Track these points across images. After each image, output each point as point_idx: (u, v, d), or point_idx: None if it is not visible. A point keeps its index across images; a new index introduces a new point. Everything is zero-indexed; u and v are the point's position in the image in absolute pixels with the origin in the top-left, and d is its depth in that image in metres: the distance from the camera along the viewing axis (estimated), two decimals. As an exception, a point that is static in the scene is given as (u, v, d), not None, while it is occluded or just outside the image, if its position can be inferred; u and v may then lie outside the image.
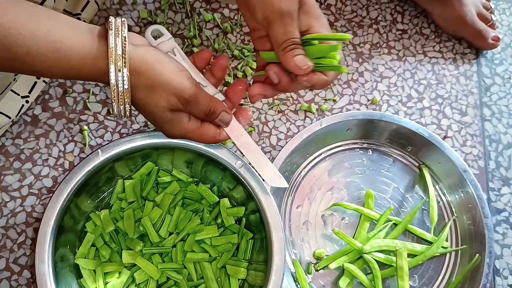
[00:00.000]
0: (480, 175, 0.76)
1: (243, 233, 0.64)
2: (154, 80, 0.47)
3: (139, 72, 0.46)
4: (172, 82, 0.47)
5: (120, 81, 0.45)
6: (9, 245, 0.66)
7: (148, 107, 0.48)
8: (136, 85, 0.46)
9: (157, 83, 0.47)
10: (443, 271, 0.70)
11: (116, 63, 0.44)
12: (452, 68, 0.84)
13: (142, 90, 0.47)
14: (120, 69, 0.44)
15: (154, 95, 0.47)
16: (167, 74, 0.47)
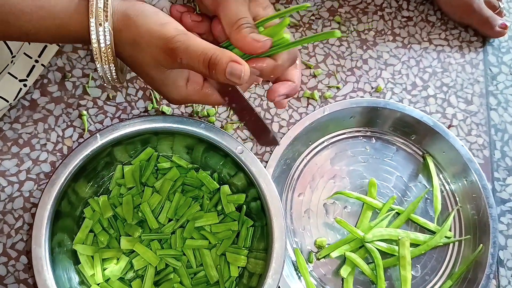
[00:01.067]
0: (485, 165, 0.75)
1: (243, 220, 0.63)
2: (136, 34, 0.43)
3: (122, 26, 0.43)
4: (154, 33, 0.42)
5: (102, 37, 0.42)
6: (6, 230, 0.65)
7: (138, 67, 0.45)
8: (120, 42, 0.43)
9: (138, 37, 0.43)
10: (446, 261, 0.69)
11: (97, 17, 0.41)
12: (458, 56, 0.82)
13: (126, 47, 0.43)
14: (101, 23, 0.41)
15: (139, 51, 0.43)
16: (149, 25, 0.43)
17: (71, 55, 0.74)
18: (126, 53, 0.44)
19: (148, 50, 0.43)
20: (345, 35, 0.81)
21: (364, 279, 0.67)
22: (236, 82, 0.41)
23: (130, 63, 0.45)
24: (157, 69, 0.44)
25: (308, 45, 0.80)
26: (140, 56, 0.43)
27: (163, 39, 0.42)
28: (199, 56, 0.41)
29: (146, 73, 0.45)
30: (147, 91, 0.74)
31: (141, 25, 0.43)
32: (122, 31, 0.43)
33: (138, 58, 0.44)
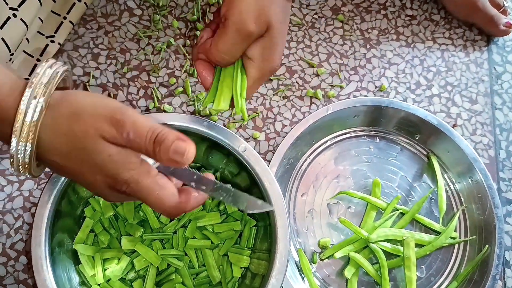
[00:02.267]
0: (490, 165, 0.74)
1: (246, 220, 0.62)
2: (77, 106, 0.39)
3: (60, 101, 0.39)
4: (99, 104, 0.39)
5: (31, 110, 0.37)
6: (6, 230, 0.64)
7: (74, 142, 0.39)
8: (54, 118, 0.38)
9: (80, 109, 0.38)
10: (451, 262, 0.68)
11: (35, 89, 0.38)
12: (462, 55, 0.82)
13: (63, 122, 0.38)
14: (36, 96, 0.37)
15: (79, 124, 0.38)
16: (93, 98, 0.40)
17: (72, 53, 0.74)
18: (61, 130, 0.39)
19: (92, 122, 0.38)
20: (349, 34, 0.80)
21: (368, 280, 0.66)
22: (179, 160, 0.38)
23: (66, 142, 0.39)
24: (103, 142, 0.39)
25: (311, 44, 0.79)
26: (82, 130, 0.38)
27: (110, 109, 0.39)
28: (148, 132, 0.38)
29: (91, 147, 0.39)
30: (149, 89, 0.73)
31: (84, 98, 0.39)
32: (60, 105, 0.39)
33: (78, 131, 0.38)
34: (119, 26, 0.76)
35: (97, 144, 0.38)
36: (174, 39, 0.76)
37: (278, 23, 0.43)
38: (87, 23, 0.76)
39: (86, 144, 0.38)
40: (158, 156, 0.38)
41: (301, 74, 0.77)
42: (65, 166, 0.40)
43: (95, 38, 0.75)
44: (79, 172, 0.41)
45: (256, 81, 0.46)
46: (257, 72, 0.45)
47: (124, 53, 0.75)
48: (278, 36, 0.44)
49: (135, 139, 0.38)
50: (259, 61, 0.44)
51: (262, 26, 0.42)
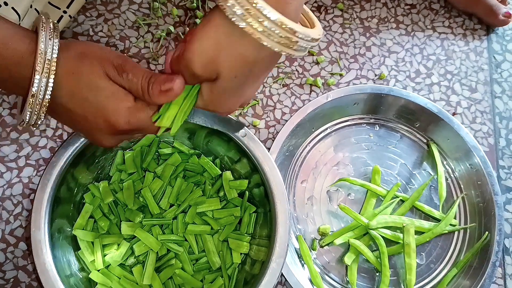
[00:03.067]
0: (490, 153, 0.74)
1: (246, 206, 0.62)
2: (85, 48, 0.43)
3: (70, 44, 0.43)
4: (105, 50, 0.44)
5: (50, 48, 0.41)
6: (5, 216, 0.64)
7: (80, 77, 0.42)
8: (65, 57, 0.42)
9: (88, 50, 0.43)
10: (451, 249, 0.68)
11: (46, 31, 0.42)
12: (462, 44, 0.82)
13: (71, 60, 0.42)
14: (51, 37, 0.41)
15: (85, 63, 0.42)
16: (99, 46, 0.45)
17: (71, 41, 0.73)
18: (69, 68, 0.42)
19: (98, 60, 0.43)
20: (348, 22, 0.80)
21: (368, 267, 0.66)
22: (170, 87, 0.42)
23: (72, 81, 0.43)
24: (106, 79, 0.43)
25: (310, 32, 0.79)
26: (88, 67, 0.42)
27: (114, 54, 0.44)
28: (144, 73, 0.43)
29: (94, 83, 0.43)
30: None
31: (92, 44, 0.44)
32: (69, 48, 0.43)
33: (85, 68, 0.42)
34: (118, 13, 0.76)
35: (101, 81, 0.43)
36: (173, 26, 0.76)
37: (229, 76, 0.41)
38: (87, 10, 0.75)
39: (90, 81, 0.42)
40: (150, 92, 0.43)
41: (300, 62, 0.77)
42: (69, 109, 0.44)
43: (94, 26, 0.75)
44: (81, 115, 0.44)
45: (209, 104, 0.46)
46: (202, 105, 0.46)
47: (124, 40, 0.74)
48: (226, 89, 0.42)
49: (132, 79, 0.43)
50: (205, 100, 0.45)
51: (210, 73, 0.41)
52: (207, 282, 0.59)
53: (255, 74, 0.43)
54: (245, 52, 0.39)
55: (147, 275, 0.58)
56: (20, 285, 0.62)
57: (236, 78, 0.41)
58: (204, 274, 0.60)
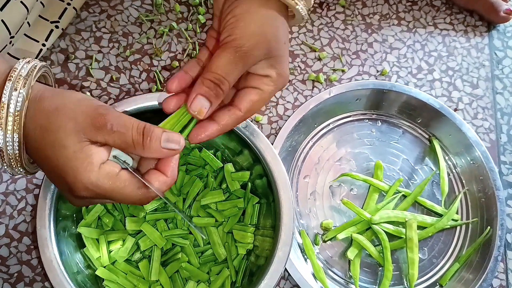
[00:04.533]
0: (492, 148, 0.75)
1: (249, 197, 0.62)
2: (60, 102, 0.39)
3: (42, 97, 0.40)
4: (83, 101, 0.40)
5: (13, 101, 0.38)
6: (9, 211, 0.64)
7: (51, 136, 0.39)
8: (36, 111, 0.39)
9: (62, 105, 0.39)
10: (453, 244, 0.69)
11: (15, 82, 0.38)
12: (463, 40, 0.82)
13: (43, 116, 0.39)
14: (16, 88, 0.38)
15: (60, 119, 0.38)
16: (78, 96, 0.40)
17: (74, 37, 0.74)
18: (39, 122, 0.39)
19: (72, 116, 0.39)
20: (350, 19, 0.81)
21: (371, 262, 0.67)
22: (174, 148, 0.40)
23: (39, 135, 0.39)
24: (75, 137, 0.38)
25: (312, 28, 0.79)
26: (58, 123, 0.39)
27: (93, 107, 0.39)
28: (134, 123, 0.39)
29: (59, 141, 0.38)
30: (151, 73, 0.73)
31: (69, 96, 0.40)
32: (42, 101, 0.40)
33: (54, 125, 0.39)
34: (121, 10, 0.76)
35: (66, 139, 0.38)
36: (176, 23, 0.76)
37: (281, 44, 0.45)
38: (90, 7, 0.76)
39: (56, 138, 0.38)
40: (147, 146, 0.39)
41: (303, 58, 0.77)
42: (39, 163, 0.41)
43: (97, 22, 0.75)
44: (46, 171, 0.41)
45: (269, 95, 0.47)
46: (273, 86, 0.46)
47: (127, 36, 0.75)
48: (284, 54, 0.46)
49: (119, 129, 0.39)
50: (275, 76, 0.45)
51: (263, 51, 0.43)
52: (214, 274, 0.59)
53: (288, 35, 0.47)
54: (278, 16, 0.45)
55: (154, 271, 0.58)
56: (24, 279, 0.62)
57: (285, 44, 0.45)
58: (210, 266, 0.60)
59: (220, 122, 0.44)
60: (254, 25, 0.43)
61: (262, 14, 0.44)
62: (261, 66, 0.45)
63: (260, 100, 0.46)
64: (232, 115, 0.44)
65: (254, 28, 0.43)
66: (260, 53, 0.43)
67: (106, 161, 0.40)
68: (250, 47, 0.42)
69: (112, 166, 0.40)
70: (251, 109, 0.45)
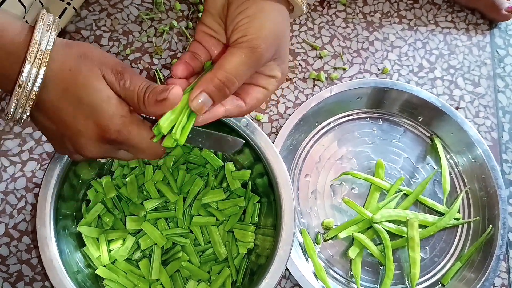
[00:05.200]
0: (493, 147, 0.74)
1: (249, 196, 0.62)
2: (88, 50, 0.41)
3: (68, 43, 0.41)
4: (107, 55, 0.42)
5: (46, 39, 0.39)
6: (9, 210, 0.64)
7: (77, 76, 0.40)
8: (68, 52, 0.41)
9: (90, 53, 0.41)
10: (455, 243, 0.68)
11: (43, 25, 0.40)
12: (464, 38, 0.82)
13: (72, 57, 0.41)
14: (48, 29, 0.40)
15: (85, 64, 0.41)
16: (100, 50, 0.43)
17: (74, 36, 0.73)
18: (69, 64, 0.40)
19: (96, 63, 0.41)
20: (351, 17, 0.80)
21: (372, 261, 0.66)
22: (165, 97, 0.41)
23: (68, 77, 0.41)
24: (99, 80, 0.41)
25: (313, 27, 0.79)
26: (88, 66, 0.41)
27: (115, 61, 0.42)
28: (142, 82, 0.42)
29: (92, 84, 0.41)
30: (151, 71, 0.73)
31: (94, 47, 0.43)
32: (71, 45, 0.41)
33: (84, 68, 0.41)
34: (121, 8, 0.76)
35: (99, 83, 0.41)
36: (176, 21, 0.76)
37: (287, 44, 0.45)
38: (90, 5, 0.75)
39: (88, 81, 0.40)
40: (146, 101, 0.41)
41: (304, 56, 0.77)
42: (58, 107, 0.41)
43: (97, 20, 0.75)
44: (71, 115, 0.41)
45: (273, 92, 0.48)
46: (277, 85, 0.47)
47: (127, 35, 0.74)
48: (287, 53, 0.46)
49: (129, 87, 0.41)
50: (280, 76, 0.46)
51: (273, 52, 0.44)
52: (214, 273, 0.59)
53: None
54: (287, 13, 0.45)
55: (155, 270, 0.57)
56: (24, 278, 0.61)
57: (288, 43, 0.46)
58: (211, 265, 0.60)
59: (226, 106, 0.45)
60: (270, 25, 0.42)
61: (275, 13, 0.43)
62: (270, 67, 0.45)
63: (265, 98, 0.47)
64: (238, 106, 0.46)
65: (270, 28, 0.42)
66: (272, 54, 0.44)
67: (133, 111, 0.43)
68: (266, 48, 0.42)
69: (138, 116, 0.44)
70: (255, 106, 0.47)
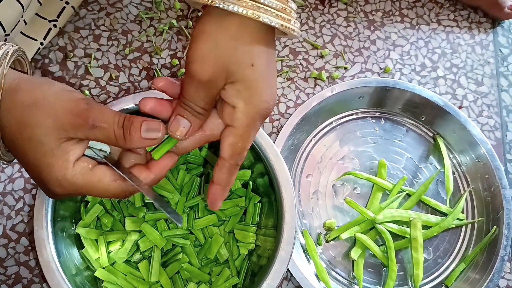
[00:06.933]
0: (497, 147, 0.73)
1: (250, 196, 0.61)
2: (39, 96, 0.37)
3: (19, 88, 0.38)
4: (63, 95, 0.38)
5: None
6: (6, 211, 0.63)
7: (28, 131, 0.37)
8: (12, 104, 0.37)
9: (42, 99, 0.37)
10: (458, 244, 0.67)
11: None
12: (467, 37, 0.81)
13: (19, 110, 0.37)
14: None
15: (38, 114, 0.37)
16: (57, 88, 0.38)
17: (73, 35, 0.73)
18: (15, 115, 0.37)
19: (51, 112, 0.37)
20: (352, 16, 0.79)
21: (375, 262, 0.65)
22: (155, 137, 0.39)
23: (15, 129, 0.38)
24: (53, 134, 0.37)
25: (314, 26, 0.78)
26: (37, 120, 0.37)
27: (74, 101, 0.38)
28: (114, 117, 0.39)
29: (37, 137, 0.37)
30: (151, 71, 0.72)
31: (48, 88, 0.38)
32: (18, 92, 0.38)
33: (32, 120, 0.37)
34: (120, 7, 0.75)
35: (45, 136, 0.37)
36: (176, 20, 0.75)
37: (245, 67, 0.39)
38: (89, 4, 0.75)
39: (33, 134, 0.37)
40: (128, 139, 0.39)
41: (305, 55, 0.76)
42: (13, 154, 0.40)
43: (96, 20, 0.74)
44: (23, 164, 0.40)
45: (245, 129, 0.41)
46: (245, 119, 0.40)
47: (126, 34, 0.74)
48: (251, 78, 0.39)
49: (101, 125, 0.38)
50: (243, 107, 0.40)
51: (220, 75, 0.39)
52: (215, 275, 0.58)
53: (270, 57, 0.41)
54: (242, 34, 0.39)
55: (154, 272, 0.57)
56: (22, 281, 0.61)
57: (254, 66, 0.39)
58: (211, 266, 0.59)
59: (219, 183, 0.43)
60: (207, 46, 0.38)
61: (219, 33, 0.38)
62: (229, 93, 0.40)
63: (238, 139, 0.41)
64: (222, 168, 0.42)
65: (205, 51, 0.38)
66: (217, 77, 0.39)
67: (81, 157, 0.39)
68: (201, 71, 0.38)
69: (86, 162, 0.39)
70: (235, 152, 0.42)
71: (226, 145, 0.42)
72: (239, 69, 0.39)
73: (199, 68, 0.38)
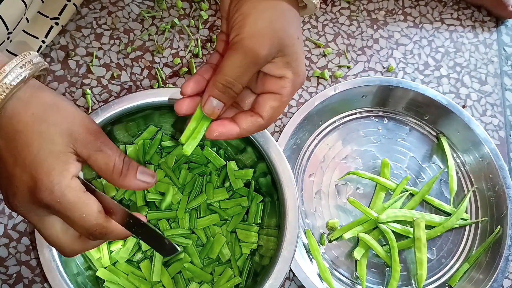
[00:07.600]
0: (501, 146, 0.73)
1: (252, 196, 0.61)
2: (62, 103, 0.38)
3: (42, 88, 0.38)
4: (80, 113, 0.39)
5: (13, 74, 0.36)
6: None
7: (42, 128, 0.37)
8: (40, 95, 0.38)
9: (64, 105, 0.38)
10: (462, 244, 0.67)
11: None
12: (471, 36, 0.80)
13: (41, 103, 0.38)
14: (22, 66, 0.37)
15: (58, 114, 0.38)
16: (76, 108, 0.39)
17: (74, 34, 0.72)
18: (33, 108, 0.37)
19: (70, 118, 0.38)
20: (355, 15, 0.79)
21: (378, 262, 0.65)
22: (148, 181, 0.41)
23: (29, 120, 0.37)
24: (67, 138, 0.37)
25: (317, 24, 0.78)
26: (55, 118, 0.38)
27: (90, 119, 0.40)
28: (118, 150, 0.40)
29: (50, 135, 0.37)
30: (153, 70, 0.72)
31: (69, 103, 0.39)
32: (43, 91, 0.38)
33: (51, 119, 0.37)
34: (122, 6, 0.75)
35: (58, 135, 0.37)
36: (178, 19, 0.75)
37: (295, 40, 0.42)
38: (90, 3, 0.74)
39: (47, 130, 0.37)
40: (124, 174, 0.39)
41: (307, 54, 0.75)
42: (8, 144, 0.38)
43: (98, 18, 0.74)
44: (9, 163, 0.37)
45: (290, 96, 0.44)
46: (291, 88, 0.43)
47: (128, 33, 0.73)
48: (299, 51, 0.43)
49: (107, 150, 0.39)
50: (291, 77, 0.43)
51: (274, 49, 0.41)
52: (217, 275, 0.58)
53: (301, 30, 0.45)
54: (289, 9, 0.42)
55: (156, 272, 0.56)
56: (23, 280, 0.60)
57: (298, 40, 0.43)
58: (213, 266, 0.58)
59: (241, 126, 0.43)
60: (263, 22, 0.40)
61: (271, 9, 0.41)
62: (276, 66, 0.42)
63: (281, 105, 0.44)
64: (255, 121, 0.43)
65: (262, 25, 0.40)
66: (272, 52, 0.41)
67: (76, 176, 0.38)
68: (260, 46, 0.40)
69: (80, 182, 0.38)
70: (273, 116, 0.44)
71: (268, 108, 0.43)
72: (292, 42, 0.42)
73: (257, 43, 0.40)
